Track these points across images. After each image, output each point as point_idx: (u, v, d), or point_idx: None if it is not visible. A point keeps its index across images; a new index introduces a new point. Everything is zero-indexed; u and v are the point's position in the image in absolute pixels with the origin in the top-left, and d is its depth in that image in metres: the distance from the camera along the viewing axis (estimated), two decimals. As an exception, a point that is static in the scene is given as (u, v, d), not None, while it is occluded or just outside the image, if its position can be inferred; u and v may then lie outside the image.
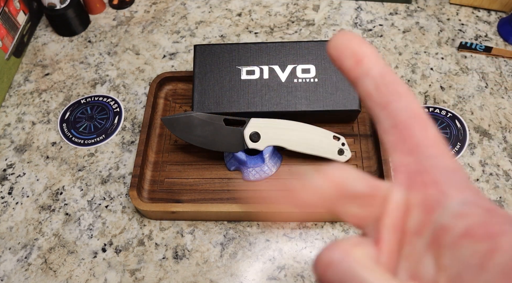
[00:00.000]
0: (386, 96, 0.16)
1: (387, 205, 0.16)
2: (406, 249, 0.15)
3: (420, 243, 0.15)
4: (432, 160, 0.15)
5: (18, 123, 0.61)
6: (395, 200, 0.16)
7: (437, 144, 0.16)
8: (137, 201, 0.49)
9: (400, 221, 0.15)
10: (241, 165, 0.52)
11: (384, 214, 0.16)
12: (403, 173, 0.16)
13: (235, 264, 0.48)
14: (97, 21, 0.73)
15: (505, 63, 0.63)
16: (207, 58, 0.54)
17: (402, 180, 0.16)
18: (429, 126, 0.16)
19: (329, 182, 0.16)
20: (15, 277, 0.49)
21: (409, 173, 0.16)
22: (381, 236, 0.15)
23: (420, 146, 0.15)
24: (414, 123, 0.16)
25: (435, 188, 0.15)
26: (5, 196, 0.55)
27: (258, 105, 0.52)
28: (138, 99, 0.63)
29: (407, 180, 0.16)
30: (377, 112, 0.16)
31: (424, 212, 0.15)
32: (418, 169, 0.15)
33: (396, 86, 0.16)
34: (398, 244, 0.15)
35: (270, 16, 0.71)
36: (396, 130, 0.16)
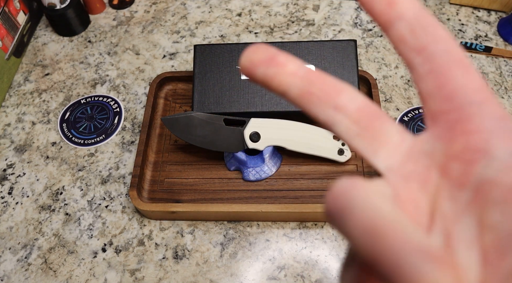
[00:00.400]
0: (423, 39, 0.14)
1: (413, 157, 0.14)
2: (442, 206, 0.13)
3: (460, 200, 0.13)
4: (475, 107, 0.13)
5: (18, 123, 0.61)
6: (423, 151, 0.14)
7: (481, 89, 0.14)
8: (137, 201, 0.49)
9: (430, 174, 0.14)
10: (241, 165, 0.52)
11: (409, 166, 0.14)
12: (441, 122, 0.14)
13: (235, 264, 0.48)
14: (97, 21, 0.73)
15: (505, 63, 0.63)
16: (207, 58, 0.54)
17: (439, 130, 0.14)
18: (472, 71, 0.14)
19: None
20: (15, 277, 0.49)
21: (448, 122, 0.14)
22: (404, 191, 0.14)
23: (461, 92, 0.14)
24: (454, 68, 0.14)
25: (479, 136, 0.13)
26: (5, 196, 0.55)
27: (258, 105, 0.52)
28: (138, 99, 0.63)
29: (445, 130, 0.14)
30: (411, 58, 0.15)
31: (466, 164, 0.13)
32: (458, 117, 0.14)
33: (434, 29, 0.14)
34: (430, 202, 0.13)
35: (270, 16, 0.71)
36: (433, 76, 0.14)
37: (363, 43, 0.66)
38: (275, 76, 0.15)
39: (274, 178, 0.53)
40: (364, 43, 0.66)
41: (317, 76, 0.15)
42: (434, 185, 0.13)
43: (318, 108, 0.14)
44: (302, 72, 0.15)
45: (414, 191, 0.14)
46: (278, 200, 0.51)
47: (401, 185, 0.14)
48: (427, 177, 0.14)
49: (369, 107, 0.14)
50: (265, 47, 0.15)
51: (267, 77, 0.15)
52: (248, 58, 0.15)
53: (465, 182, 0.13)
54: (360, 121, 0.14)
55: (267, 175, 0.52)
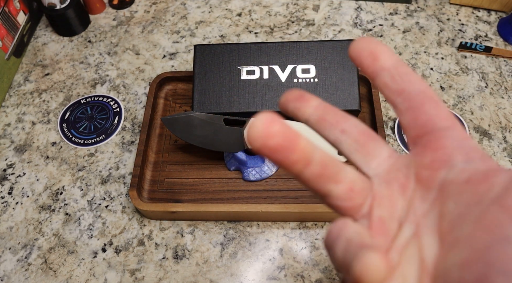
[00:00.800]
0: (401, 84, 0.18)
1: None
2: (415, 204, 0.17)
3: (428, 199, 0.17)
4: (443, 131, 0.17)
5: (18, 123, 0.61)
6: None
7: (448, 118, 0.18)
8: (137, 201, 0.49)
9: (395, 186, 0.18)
10: (241, 165, 0.52)
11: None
12: (418, 144, 0.18)
13: (235, 264, 0.48)
14: (97, 21, 0.73)
15: (505, 63, 0.63)
16: (207, 58, 0.54)
17: (416, 149, 0.18)
18: (441, 104, 0.18)
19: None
20: (15, 277, 0.49)
21: (423, 142, 0.18)
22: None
23: (432, 121, 0.18)
24: (426, 103, 0.18)
25: (444, 152, 0.17)
26: (5, 196, 0.55)
27: (258, 105, 0.52)
28: (138, 99, 0.63)
29: (420, 149, 0.18)
30: (394, 99, 0.19)
31: (432, 171, 0.17)
32: (430, 139, 0.18)
33: (409, 76, 0.18)
34: (407, 202, 0.18)
35: (270, 16, 0.71)
36: (410, 111, 0.18)
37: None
38: (302, 108, 0.20)
39: (274, 178, 0.53)
40: (364, 43, 0.66)
41: (331, 109, 0.20)
42: (411, 190, 0.18)
43: (329, 131, 0.19)
44: (320, 106, 0.20)
45: (393, 193, 0.18)
46: (278, 200, 0.51)
47: (383, 187, 0.18)
48: (405, 183, 0.18)
49: (368, 132, 0.19)
50: (297, 90, 0.21)
51: (295, 109, 0.20)
52: (284, 96, 0.21)
53: (431, 185, 0.17)
54: (359, 141, 0.19)
55: (267, 175, 0.52)
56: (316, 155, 0.17)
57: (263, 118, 0.16)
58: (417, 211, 0.17)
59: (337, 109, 0.20)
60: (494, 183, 0.15)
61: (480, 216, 0.14)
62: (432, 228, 0.16)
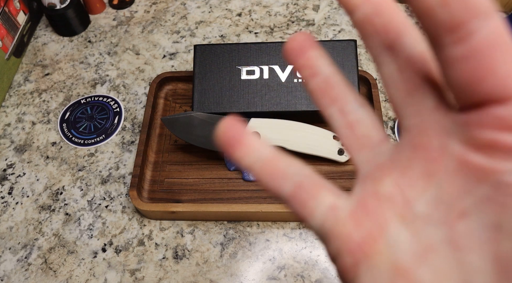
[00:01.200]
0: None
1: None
2: (444, 190, 0.13)
3: (472, 193, 0.12)
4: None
5: (18, 123, 0.61)
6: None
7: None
8: (137, 201, 0.49)
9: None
10: (241, 165, 0.52)
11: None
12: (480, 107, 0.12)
13: (235, 264, 0.48)
14: (97, 21, 0.73)
15: (505, 63, 0.63)
16: (207, 58, 0.54)
17: (475, 116, 0.12)
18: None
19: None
20: (15, 277, 0.49)
21: (475, 118, 0.13)
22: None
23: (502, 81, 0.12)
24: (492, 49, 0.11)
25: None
26: (5, 196, 0.55)
27: (258, 105, 0.52)
28: (138, 99, 0.63)
29: (481, 116, 0.12)
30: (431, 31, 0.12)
31: (489, 159, 0.12)
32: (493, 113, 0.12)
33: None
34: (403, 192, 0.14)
35: (270, 16, 0.71)
36: (466, 61, 0.12)
37: (363, 43, 0.66)
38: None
39: (274, 178, 0.53)
40: (364, 43, 0.66)
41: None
42: (445, 170, 0.13)
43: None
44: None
45: (415, 164, 0.13)
46: (278, 200, 0.51)
47: (408, 151, 0.14)
48: (439, 157, 0.13)
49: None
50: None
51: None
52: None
53: (484, 178, 0.12)
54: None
55: (267, 175, 0.52)
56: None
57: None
58: (452, 206, 0.12)
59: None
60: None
61: None
62: (480, 242, 0.12)
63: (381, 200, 0.14)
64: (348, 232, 0.14)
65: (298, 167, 0.15)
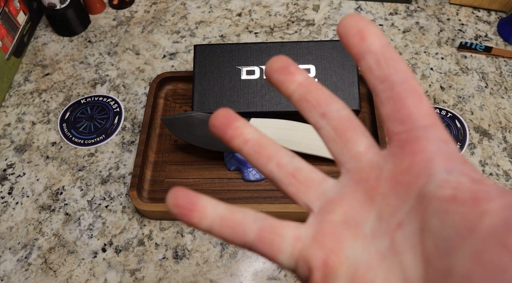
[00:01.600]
0: (385, 70, 0.17)
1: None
2: (385, 212, 0.16)
3: (403, 208, 0.16)
4: (423, 130, 0.16)
5: (18, 123, 0.61)
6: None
7: (430, 116, 0.17)
8: (137, 201, 0.49)
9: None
10: (241, 165, 0.52)
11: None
12: (395, 141, 0.17)
13: (235, 264, 0.48)
14: (97, 21, 0.73)
15: (505, 63, 0.63)
16: (207, 58, 0.54)
17: (393, 148, 0.17)
18: (423, 99, 0.17)
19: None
20: (15, 277, 0.49)
21: (400, 141, 0.17)
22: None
23: (412, 117, 0.17)
24: (409, 96, 0.17)
25: (423, 156, 0.16)
26: (5, 196, 0.55)
27: (258, 105, 0.52)
28: (138, 99, 0.63)
29: (397, 148, 0.17)
30: (376, 85, 0.17)
31: (410, 179, 0.16)
32: (408, 138, 0.17)
33: (395, 62, 0.17)
34: (377, 208, 0.17)
35: (270, 16, 0.71)
36: (391, 101, 0.17)
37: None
38: (285, 82, 0.19)
39: (274, 178, 0.53)
40: (364, 43, 0.66)
41: (315, 87, 0.19)
42: (382, 195, 0.17)
43: (309, 113, 0.19)
44: (305, 82, 0.19)
45: (358, 196, 0.17)
46: (278, 200, 0.51)
47: (348, 188, 0.18)
48: (376, 186, 0.17)
49: (349, 118, 0.18)
50: (284, 58, 0.19)
51: (279, 82, 0.19)
52: (269, 64, 0.19)
53: (409, 193, 0.16)
54: (338, 129, 0.18)
55: (267, 175, 0.52)
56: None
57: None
58: (390, 221, 0.16)
59: (323, 88, 0.19)
60: (487, 211, 0.13)
61: (478, 251, 0.13)
62: (412, 244, 0.15)
63: (336, 225, 0.17)
64: (314, 252, 0.17)
65: (252, 213, 0.18)
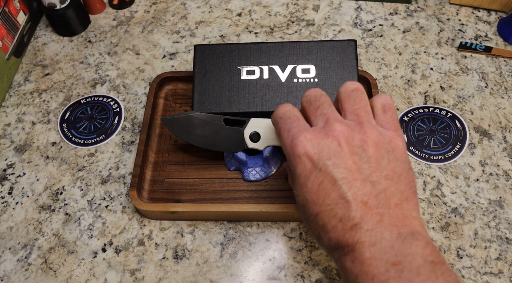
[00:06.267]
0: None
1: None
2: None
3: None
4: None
5: (18, 123, 0.61)
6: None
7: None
8: (137, 201, 0.49)
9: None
10: (241, 165, 0.52)
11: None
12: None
13: (235, 264, 0.48)
14: (97, 21, 0.73)
15: (505, 63, 0.63)
16: (207, 58, 0.54)
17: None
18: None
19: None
20: (15, 277, 0.49)
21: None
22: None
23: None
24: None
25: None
26: (5, 196, 0.55)
27: (258, 105, 0.52)
28: (138, 99, 0.63)
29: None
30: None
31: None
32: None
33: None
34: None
35: (270, 16, 0.71)
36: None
37: (363, 43, 0.66)
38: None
39: (274, 178, 0.53)
40: (364, 43, 0.66)
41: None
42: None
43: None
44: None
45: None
46: (278, 200, 0.51)
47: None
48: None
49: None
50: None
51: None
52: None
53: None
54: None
55: (267, 175, 0.52)
56: None
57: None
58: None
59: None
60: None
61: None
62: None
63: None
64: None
65: None
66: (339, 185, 0.31)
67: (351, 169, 0.32)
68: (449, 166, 0.54)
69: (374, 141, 0.33)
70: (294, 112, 0.37)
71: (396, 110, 0.59)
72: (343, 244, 0.31)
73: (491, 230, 0.49)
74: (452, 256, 0.47)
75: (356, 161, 0.32)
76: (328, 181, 0.32)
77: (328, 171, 0.32)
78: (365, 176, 0.32)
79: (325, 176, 0.32)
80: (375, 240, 0.30)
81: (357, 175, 0.32)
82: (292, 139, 0.34)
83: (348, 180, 0.32)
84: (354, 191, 0.31)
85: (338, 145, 0.33)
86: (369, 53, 0.65)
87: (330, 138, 0.33)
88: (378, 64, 0.64)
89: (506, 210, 0.50)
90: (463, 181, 0.52)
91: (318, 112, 0.36)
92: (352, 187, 0.31)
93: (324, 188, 0.32)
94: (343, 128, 0.33)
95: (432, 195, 0.52)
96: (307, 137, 0.33)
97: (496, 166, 0.53)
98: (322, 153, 0.32)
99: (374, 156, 0.33)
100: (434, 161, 0.54)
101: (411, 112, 0.58)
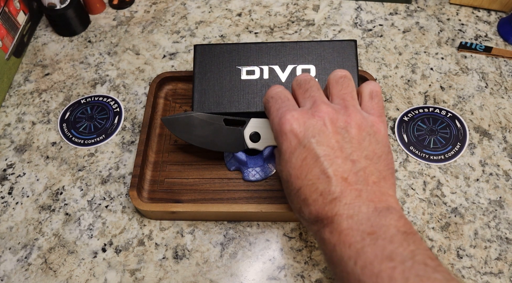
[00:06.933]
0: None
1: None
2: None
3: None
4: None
5: (18, 123, 0.61)
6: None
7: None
8: (137, 201, 0.49)
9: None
10: (241, 165, 0.52)
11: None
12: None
13: (235, 264, 0.48)
14: (97, 21, 0.73)
15: (505, 63, 0.63)
16: (207, 58, 0.54)
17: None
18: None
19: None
20: (15, 277, 0.49)
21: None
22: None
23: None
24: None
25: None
26: (5, 196, 0.55)
27: (258, 105, 0.52)
28: (138, 99, 0.63)
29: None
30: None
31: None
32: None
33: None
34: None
35: (270, 16, 0.71)
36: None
37: (363, 43, 0.66)
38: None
39: (274, 178, 0.53)
40: (364, 43, 0.66)
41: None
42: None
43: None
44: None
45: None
46: (278, 200, 0.51)
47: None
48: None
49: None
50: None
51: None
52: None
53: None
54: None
55: (267, 175, 0.52)
56: None
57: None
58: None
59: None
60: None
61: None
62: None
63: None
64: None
65: None
66: (321, 162, 0.34)
67: (334, 147, 0.34)
68: (449, 166, 0.54)
69: (357, 123, 0.35)
70: (285, 93, 0.40)
71: (396, 110, 0.59)
72: (323, 217, 0.33)
73: (491, 230, 0.49)
74: (452, 256, 0.47)
75: (339, 141, 0.34)
76: (311, 157, 0.34)
77: (312, 148, 0.34)
78: (346, 154, 0.34)
79: (309, 153, 0.34)
80: (352, 213, 0.32)
81: (338, 153, 0.34)
82: (280, 117, 0.36)
83: (330, 157, 0.34)
84: (335, 167, 0.33)
85: (323, 125, 0.35)
86: (369, 53, 0.65)
87: (316, 118, 0.35)
88: (378, 64, 0.64)
89: (506, 210, 0.50)
90: (463, 181, 0.52)
91: (306, 95, 0.38)
92: (334, 164, 0.34)
93: (307, 164, 0.34)
94: (329, 110, 0.36)
95: (432, 195, 0.52)
96: (294, 116, 0.36)
97: (496, 166, 0.53)
98: (308, 131, 0.35)
99: (356, 137, 0.35)
100: (434, 161, 0.54)
101: (411, 112, 0.58)
